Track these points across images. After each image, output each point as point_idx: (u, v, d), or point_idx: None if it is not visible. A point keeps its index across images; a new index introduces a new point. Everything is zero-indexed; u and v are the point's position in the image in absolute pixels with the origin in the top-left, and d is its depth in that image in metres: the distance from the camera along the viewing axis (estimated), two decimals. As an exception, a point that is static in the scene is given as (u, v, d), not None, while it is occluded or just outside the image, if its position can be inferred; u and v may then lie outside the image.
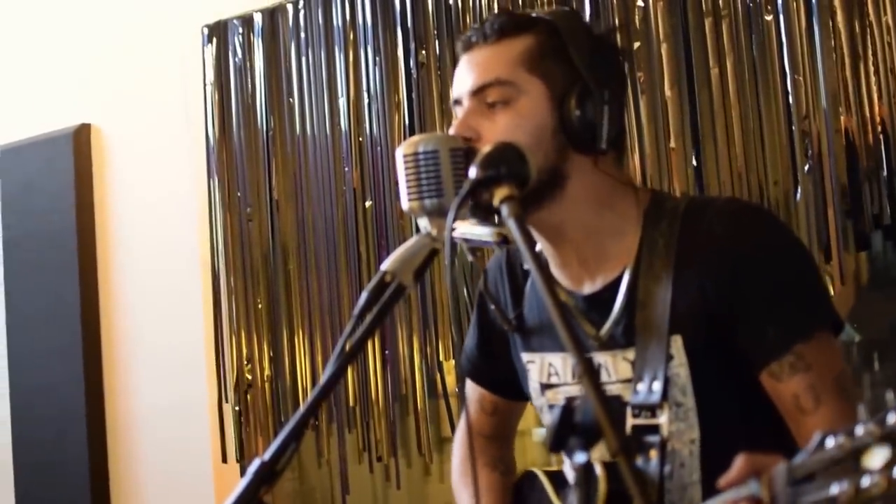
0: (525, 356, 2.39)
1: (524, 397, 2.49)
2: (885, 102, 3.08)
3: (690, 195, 3.05)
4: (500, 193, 1.96)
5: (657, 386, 2.15)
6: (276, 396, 4.19)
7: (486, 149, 2.04)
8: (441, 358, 3.90)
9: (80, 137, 4.66)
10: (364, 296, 2.05)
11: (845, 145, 3.15)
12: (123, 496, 4.54)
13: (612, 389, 2.23)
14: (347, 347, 2.03)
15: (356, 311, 2.05)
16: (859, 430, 1.52)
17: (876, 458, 1.51)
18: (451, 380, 3.88)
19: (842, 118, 3.15)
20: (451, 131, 2.19)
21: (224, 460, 4.25)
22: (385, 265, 2.07)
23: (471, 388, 2.62)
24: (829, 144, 3.16)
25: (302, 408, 2.01)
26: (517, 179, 2.00)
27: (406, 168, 2.11)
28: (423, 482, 4.05)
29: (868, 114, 3.11)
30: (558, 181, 2.18)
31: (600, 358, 2.24)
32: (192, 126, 4.37)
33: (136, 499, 4.52)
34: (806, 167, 3.21)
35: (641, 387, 2.17)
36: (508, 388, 2.52)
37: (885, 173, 3.10)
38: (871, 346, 3.30)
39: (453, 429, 3.80)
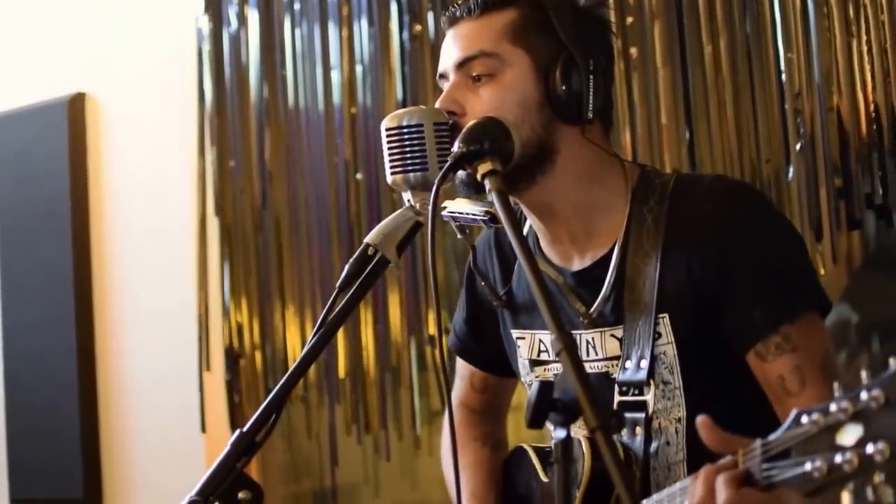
0: (515, 332, 2.40)
1: (514, 374, 2.50)
2: (878, 81, 3.07)
3: (678, 172, 3.05)
4: (483, 168, 1.97)
5: (644, 364, 2.17)
6: (266, 367, 4.19)
7: (469, 123, 2.05)
8: (432, 332, 3.90)
9: (75, 106, 4.66)
10: (347, 268, 2.07)
11: (838, 124, 3.14)
12: (115, 463, 4.55)
13: (600, 366, 2.25)
14: (329, 320, 2.05)
15: (339, 283, 2.06)
16: (833, 408, 1.53)
17: (849, 435, 1.51)
18: (440, 354, 3.87)
19: (834, 97, 3.13)
20: (437, 105, 2.19)
21: (203, 430, 4.25)
22: (368, 238, 2.09)
23: (461, 364, 2.63)
24: (821, 123, 3.15)
25: (283, 379, 2.02)
26: (500, 154, 2.01)
27: (390, 141, 2.12)
28: (413, 455, 4.05)
29: (861, 92, 3.10)
30: (547, 154, 2.19)
31: (588, 335, 2.25)
32: (186, 97, 4.36)
33: (126, 466, 4.53)
34: (798, 146, 3.20)
35: (629, 364, 2.19)
36: (498, 364, 2.52)
37: (877, 153, 3.09)
38: (867, 328, 3.30)
39: (443, 402, 3.80)
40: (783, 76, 3.22)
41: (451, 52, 2.22)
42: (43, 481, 4.68)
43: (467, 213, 2.29)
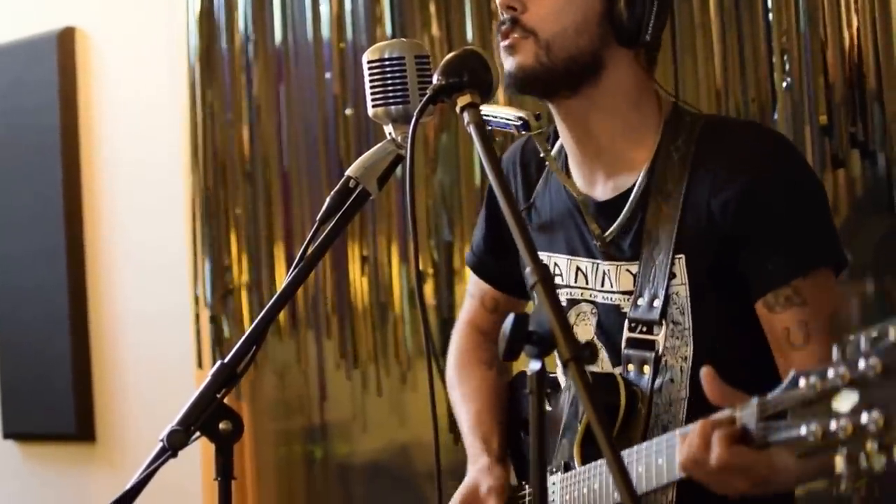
0: None
1: (527, 296, 2.53)
2: (863, 19, 3.07)
3: (708, 113, 3.06)
4: (462, 100, 1.99)
5: (657, 303, 2.20)
6: (254, 304, 4.20)
7: (448, 56, 2.06)
8: (422, 267, 3.91)
9: (65, 40, 4.64)
10: (328, 201, 2.08)
11: (823, 63, 3.14)
12: (107, 399, 4.57)
13: (613, 299, 2.28)
14: (310, 253, 2.06)
15: (319, 215, 2.08)
16: (830, 373, 1.55)
17: (845, 401, 1.54)
18: (429, 290, 3.90)
19: (820, 35, 3.14)
20: (498, 0, 2.22)
21: (200, 365, 4.28)
22: (350, 170, 2.11)
23: (473, 282, 2.65)
24: (807, 62, 3.16)
25: (263, 312, 2.04)
26: (480, 87, 2.01)
27: (371, 74, 2.13)
28: (399, 390, 4.07)
29: (846, 31, 3.10)
30: (595, 69, 2.22)
31: (605, 266, 2.29)
32: (176, 30, 4.35)
33: (119, 401, 4.55)
34: (784, 84, 3.21)
35: (641, 302, 2.23)
36: (512, 283, 2.54)
37: (860, 92, 3.10)
38: (855, 267, 3.32)
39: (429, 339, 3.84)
40: (770, 14, 3.22)
41: None
42: (35, 417, 4.70)
43: (499, 118, 2.31)
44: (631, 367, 2.23)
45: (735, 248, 2.17)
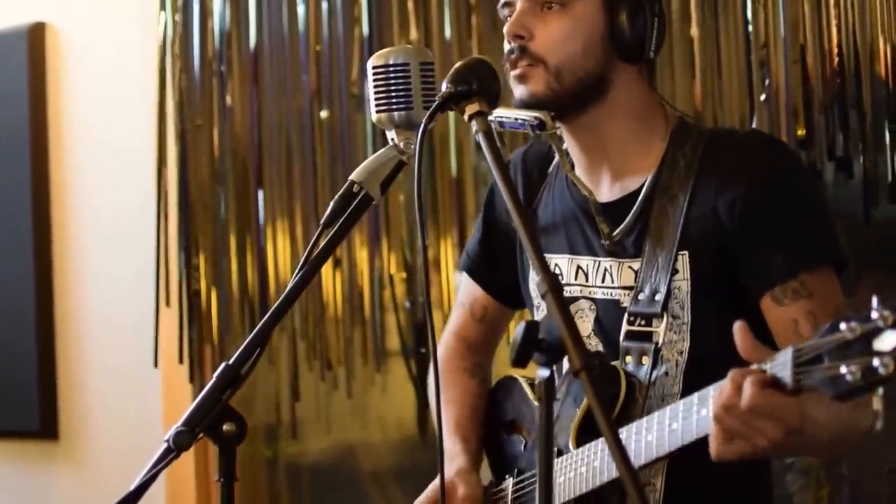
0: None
1: (516, 304, 2.59)
2: (843, 35, 3.11)
3: (714, 127, 3.17)
4: (470, 109, 2.02)
5: (659, 297, 2.26)
6: (220, 304, 4.18)
7: (457, 64, 2.08)
8: (392, 271, 3.92)
9: (35, 36, 4.60)
10: (331, 205, 2.11)
11: (802, 76, 3.18)
12: (71, 397, 4.54)
13: (613, 294, 2.35)
14: (314, 256, 2.08)
15: (323, 219, 2.11)
16: (874, 315, 1.58)
17: (887, 341, 1.56)
18: (400, 292, 3.92)
19: (800, 49, 3.18)
20: (505, 30, 2.28)
21: (155, 365, 4.26)
22: (354, 175, 2.14)
23: (464, 290, 2.68)
24: (786, 74, 3.20)
25: (268, 314, 2.05)
26: (488, 95, 2.04)
27: (376, 79, 2.14)
28: (366, 393, 4.09)
29: (826, 45, 3.14)
30: (602, 88, 2.30)
31: (606, 263, 2.35)
32: (148, 26, 4.33)
33: (82, 398, 4.51)
34: (763, 97, 3.25)
35: (642, 296, 2.29)
36: (503, 290, 2.60)
37: (839, 106, 3.14)
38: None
39: (403, 339, 3.92)
40: (750, 27, 3.26)
41: None
42: (-1, 414, 4.68)
43: (514, 118, 2.34)
44: (629, 358, 2.29)
45: (741, 247, 2.23)
